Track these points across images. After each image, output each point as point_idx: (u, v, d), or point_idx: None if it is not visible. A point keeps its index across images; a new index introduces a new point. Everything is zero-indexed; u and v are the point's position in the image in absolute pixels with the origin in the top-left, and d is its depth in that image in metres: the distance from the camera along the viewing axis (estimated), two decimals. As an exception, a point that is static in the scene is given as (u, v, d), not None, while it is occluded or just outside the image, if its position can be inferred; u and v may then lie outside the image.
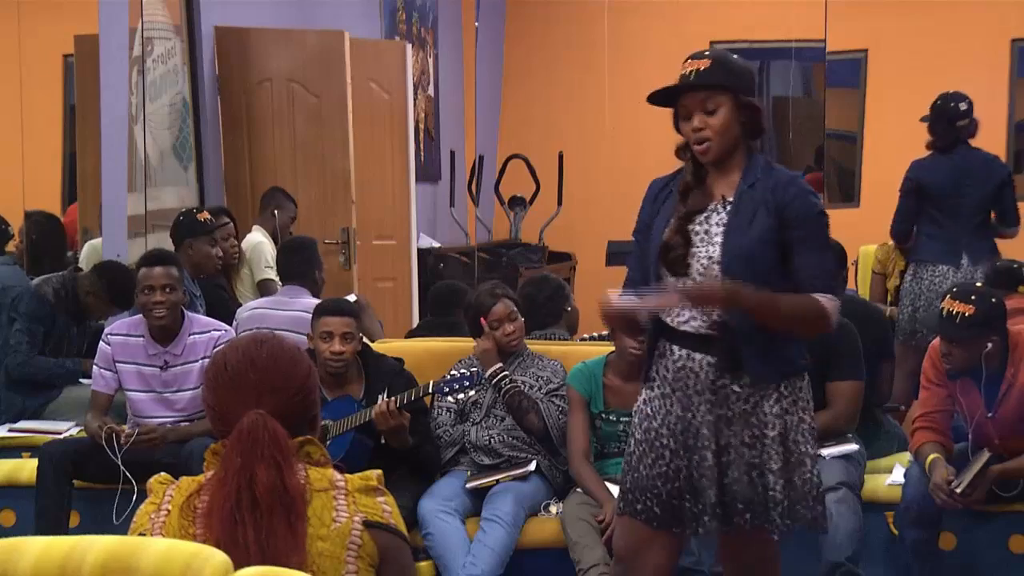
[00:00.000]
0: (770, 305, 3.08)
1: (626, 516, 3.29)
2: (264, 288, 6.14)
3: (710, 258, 3.12)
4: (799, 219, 3.11)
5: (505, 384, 4.43)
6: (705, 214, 3.17)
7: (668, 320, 3.20)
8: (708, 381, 3.15)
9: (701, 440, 3.16)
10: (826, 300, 3.11)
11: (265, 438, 2.17)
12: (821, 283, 3.11)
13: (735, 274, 3.07)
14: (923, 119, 6.05)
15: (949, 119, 5.92)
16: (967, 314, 4.00)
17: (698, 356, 3.16)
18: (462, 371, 4.24)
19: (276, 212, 6.47)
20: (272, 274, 6.17)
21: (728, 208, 3.15)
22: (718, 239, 3.12)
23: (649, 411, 3.24)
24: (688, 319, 3.17)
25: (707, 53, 3.17)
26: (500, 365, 4.48)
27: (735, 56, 3.24)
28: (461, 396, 4.23)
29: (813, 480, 3.16)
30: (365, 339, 4.60)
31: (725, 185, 3.18)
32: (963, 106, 5.92)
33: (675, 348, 3.19)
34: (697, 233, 3.15)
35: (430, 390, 4.27)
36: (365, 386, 4.42)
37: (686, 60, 3.17)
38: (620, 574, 3.40)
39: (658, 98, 3.20)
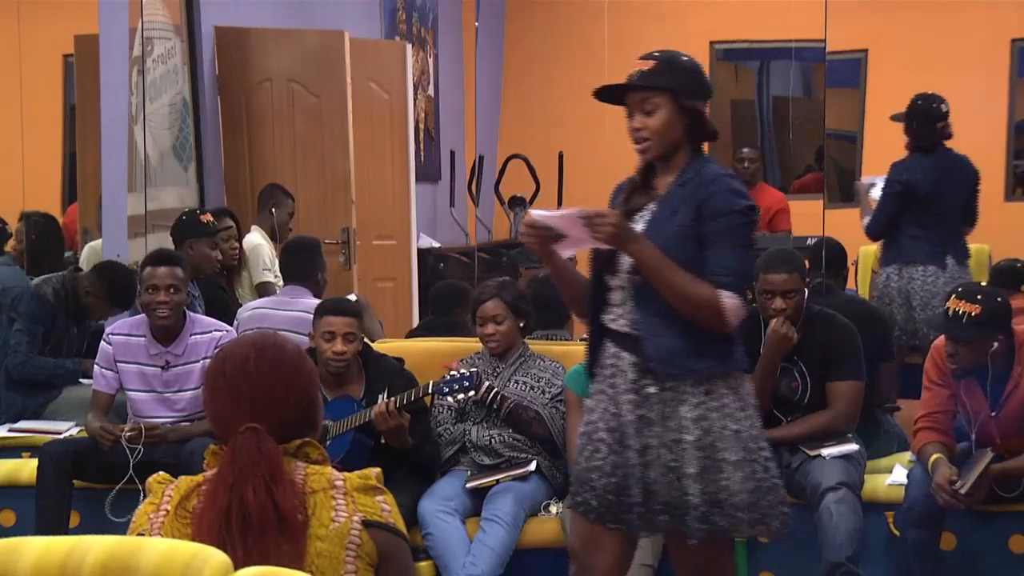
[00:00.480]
0: (659, 266, 3.07)
1: (572, 510, 3.34)
2: (263, 290, 6.13)
3: None
4: (713, 214, 3.11)
5: (498, 403, 4.41)
6: (643, 213, 3.21)
7: (604, 318, 3.24)
8: (631, 381, 3.18)
9: (627, 439, 3.18)
10: (727, 298, 3.09)
11: (256, 459, 2.15)
12: (726, 280, 3.09)
13: None
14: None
15: (931, 119, 5.95)
16: (973, 314, 3.99)
17: (625, 355, 3.20)
18: (462, 371, 4.23)
19: (273, 210, 6.47)
20: (270, 276, 6.17)
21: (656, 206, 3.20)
22: None
23: (592, 405, 3.29)
24: (616, 317, 3.22)
25: (656, 54, 3.21)
26: (488, 384, 4.44)
27: (687, 57, 3.25)
28: (461, 396, 4.22)
29: (732, 487, 3.11)
30: (365, 339, 4.60)
31: (665, 185, 3.22)
32: (944, 107, 5.97)
33: (610, 345, 3.24)
34: None
35: (430, 390, 4.26)
36: (365, 386, 4.41)
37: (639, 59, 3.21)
38: (575, 573, 3.43)
39: (608, 97, 3.23)
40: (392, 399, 4.21)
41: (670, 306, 3.10)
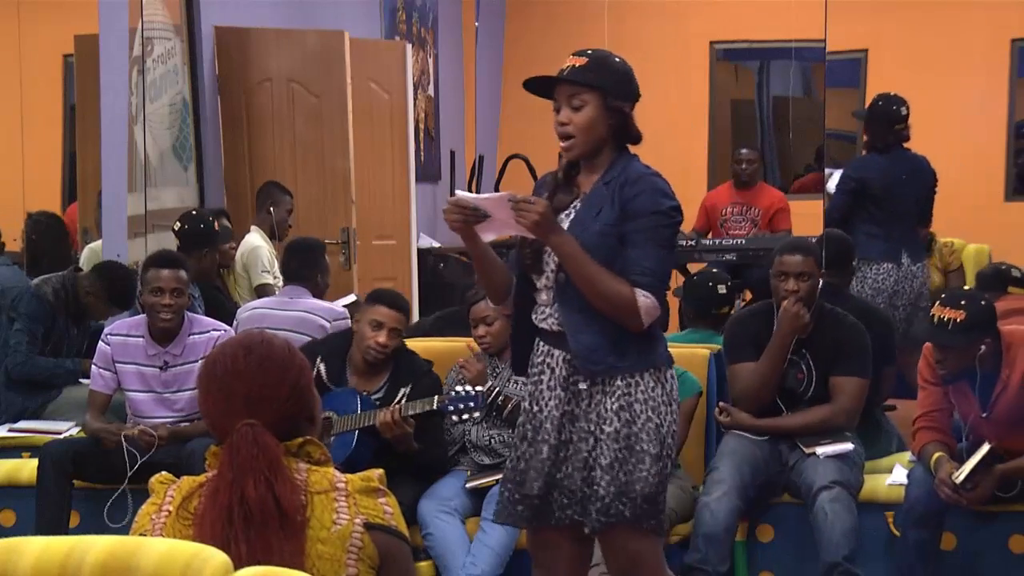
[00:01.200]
0: (579, 261, 3.10)
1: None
2: (261, 292, 6.12)
3: None
4: (636, 213, 3.13)
5: (501, 402, 4.41)
6: (567, 211, 3.23)
7: (533, 318, 3.27)
8: (561, 378, 3.21)
9: (542, 434, 3.22)
10: (642, 297, 3.11)
11: (255, 453, 2.15)
12: (643, 280, 3.12)
13: None
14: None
15: (889, 121, 6.08)
16: (958, 320, 3.98)
17: (557, 352, 3.23)
18: (467, 389, 4.20)
19: (272, 208, 6.47)
20: (269, 279, 6.17)
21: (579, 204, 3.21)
22: None
23: (525, 407, 3.34)
24: (547, 316, 3.25)
25: (589, 52, 3.23)
26: (490, 384, 4.43)
27: (619, 59, 3.26)
28: (466, 417, 4.21)
29: (649, 479, 3.14)
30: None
31: (589, 184, 3.24)
32: (903, 111, 6.10)
33: (540, 344, 3.28)
34: None
35: (434, 406, 4.23)
36: (389, 377, 4.39)
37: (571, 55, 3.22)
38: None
39: (537, 89, 3.26)
40: (398, 407, 4.20)
41: (591, 304, 3.12)
